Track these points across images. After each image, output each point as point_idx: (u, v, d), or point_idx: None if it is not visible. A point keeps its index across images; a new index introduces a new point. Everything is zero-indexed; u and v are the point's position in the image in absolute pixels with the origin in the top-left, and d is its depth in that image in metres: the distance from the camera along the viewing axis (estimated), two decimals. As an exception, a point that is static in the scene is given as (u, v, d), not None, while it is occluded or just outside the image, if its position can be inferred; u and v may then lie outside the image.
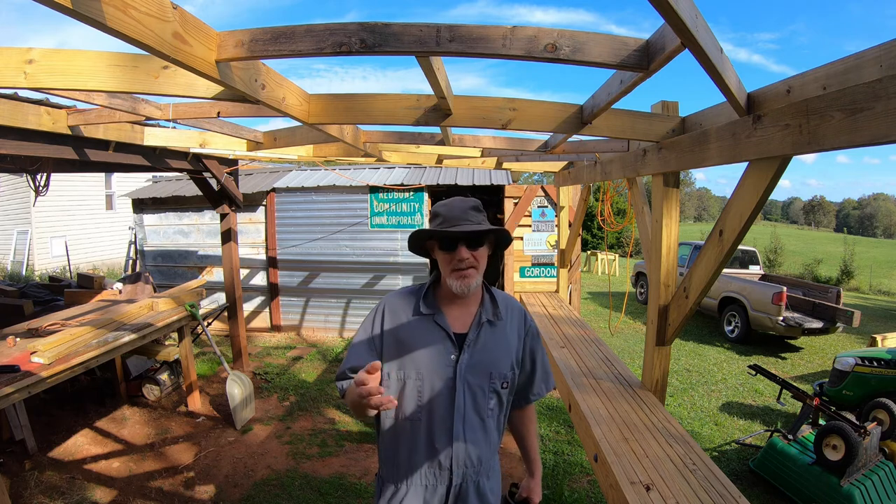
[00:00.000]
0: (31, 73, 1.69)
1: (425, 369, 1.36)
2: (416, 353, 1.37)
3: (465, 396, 1.36)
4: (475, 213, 1.36)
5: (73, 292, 5.04)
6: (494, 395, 1.40)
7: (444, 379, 1.36)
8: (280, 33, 1.40)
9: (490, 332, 1.42)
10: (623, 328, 8.40)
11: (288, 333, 7.52)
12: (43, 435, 3.94)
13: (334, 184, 7.16)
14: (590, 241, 18.62)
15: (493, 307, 1.45)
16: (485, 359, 1.39)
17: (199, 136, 3.76)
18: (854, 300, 12.27)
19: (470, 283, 1.34)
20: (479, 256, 1.37)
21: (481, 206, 1.41)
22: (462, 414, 1.36)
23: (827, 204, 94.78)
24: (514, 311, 1.50)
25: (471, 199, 1.39)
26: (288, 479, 3.54)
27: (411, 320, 1.40)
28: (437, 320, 1.39)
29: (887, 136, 1.10)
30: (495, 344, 1.42)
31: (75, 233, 13.51)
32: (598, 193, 4.79)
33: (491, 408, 1.40)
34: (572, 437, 4.20)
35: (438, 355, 1.37)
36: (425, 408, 1.37)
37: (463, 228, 1.31)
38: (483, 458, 1.40)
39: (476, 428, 1.38)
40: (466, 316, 1.42)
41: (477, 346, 1.39)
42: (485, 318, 1.42)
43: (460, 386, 1.36)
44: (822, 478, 3.22)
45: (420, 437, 1.37)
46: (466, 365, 1.37)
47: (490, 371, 1.39)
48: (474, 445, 1.38)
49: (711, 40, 1.35)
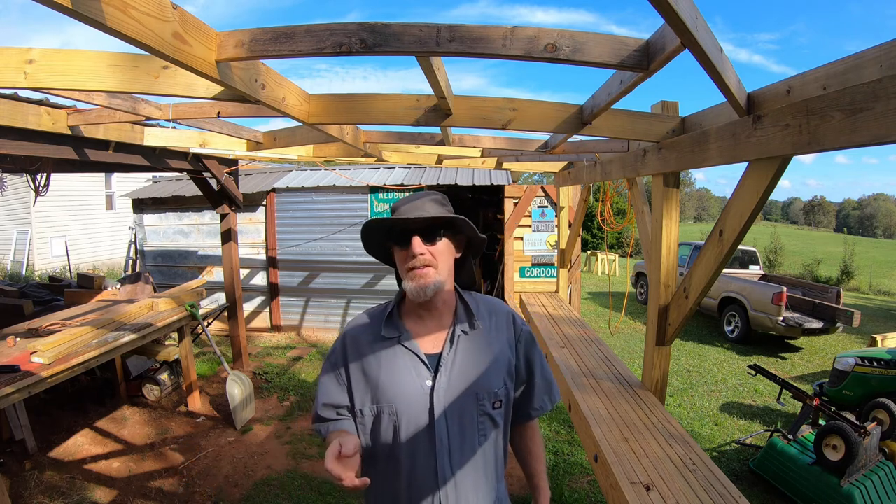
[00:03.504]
0: (31, 73, 1.69)
1: (398, 402, 1.16)
2: (385, 384, 1.17)
3: (449, 428, 1.16)
4: (434, 205, 1.17)
5: (73, 292, 5.04)
6: (486, 418, 1.20)
7: (421, 411, 1.15)
8: (280, 33, 1.40)
9: (469, 345, 1.21)
10: (623, 328, 8.40)
11: (288, 333, 7.52)
12: (43, 435, 3.94)
13: (334, 184, 7.16)
14: (590, 241, 18.62)
15: (467, 315, 1.24)
16: (467, 379, 1.18)
17: (199, 136, 3.76)
18: (854, 300, 12.27)
19: (426, 285, 1.13)
20: (438, 252, 1.16)
21: (446, 200, 1.23)
22: (447, 449, 1.15)
23: (827, 204, 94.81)
24: (500, 315, 1.29)
25: (433, 193, 1.21)
26: (288, 479, 3.54)
27: (374, 347, 1.20)
28: (403, 343, 1.19)
29: (887, 136, 1.10)
30: (478, 358, 1.21)
31: (75, 233, 13.52)
32: (598, 193, 4.79)
33: (484, 434, 1.19)
34: (572, 437, 4.20)
35: (410, 384, 1.16)
36: (404, 447, 1.16)
37: (420, 215, 1.14)
38: (483, 494, 1.20)
39: (469, 463, 1.18)
40: (439, 332, 1.22)
41: (455, 366, 1.18)
42: (459, 331, 1.21)
43: (440, 416, 1.15)
44: (822, 478, 3.22)
45: (401, 481, 1.17)
46: (445, 390, 1.16)
47: (476, 392, 1.18)
48: (471, 485, 1.18)
49: (711, 40, 1.35)
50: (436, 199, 1.20)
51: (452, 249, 1.21)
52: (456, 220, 1.18)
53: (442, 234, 1.18)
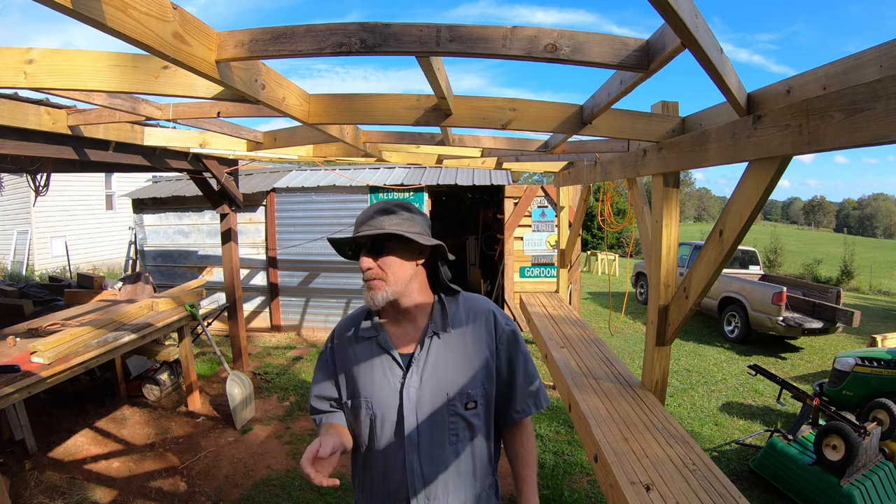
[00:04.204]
0: (31, 73, 1.69)
1: (373, 397, 1.23)
2: (363, 380, 1.25)
3: (420, 425, 1.21)
4: (382, 216, 1.18)
5: (73, 292, 5.04)
6: (459, 419, 1.22)
7: (392, 407, 1.22)
8: (280, 33, 1.40)
9: (443, 346, 1.24)
10: (623, 328, 8.40)
11: (288, 333, 7.52)
12: (43, 435, 3.94)
13: (334, 184, 7.16)
14: (590, 241, 18.63)
15: (442, 317, 1.25)
16: (438, 379, 1.22)
17: (199, 136, 3.76)
18: (854, 300, 12.27)
19: (375, 296, 1.18)
20: (387, 265, 1.19)
21: (398, 207, 1.22)
22: (415, 445, 1.21)
23: (827, 204, 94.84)
24: (479, 315, 1.30)
25: (385, 203, 1.23)
26: (288, 479, 3.54)
27: (355, 345, 1.28)
28: (379, 342, 1.25)
29: (887, 136, 1.10)
30: (451, 360, 1.24)
31: (75, 233, 13.53)
32: (598, 193, 4.79)
33: (455, 434, 1.23)
34: (572, 437, 4.20)
35: (384, 380, 1.23)
36: (378, 440, 1.24)
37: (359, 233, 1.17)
38: (455, 488, 1.23)
39: (439, 460, 1.22)
40: (414, 333, 1.26)
41: (427, 367, 1.22)
42: (431, 332, 1.24)
43: (409, 413, 1.20)
44: (821, 478, 3.22)
45: (377, 471, 1.26)
46: (416, 389, 1.21)
47: (446, 392, 1.22)
48: (441, 482, 1.22)
49: (711, 40, 1.35)
50: (385, 209, 1.20)
51: (405, 258, 1.21)
52: (391, 235, 1.17)
53: (389, 246, 1.19)
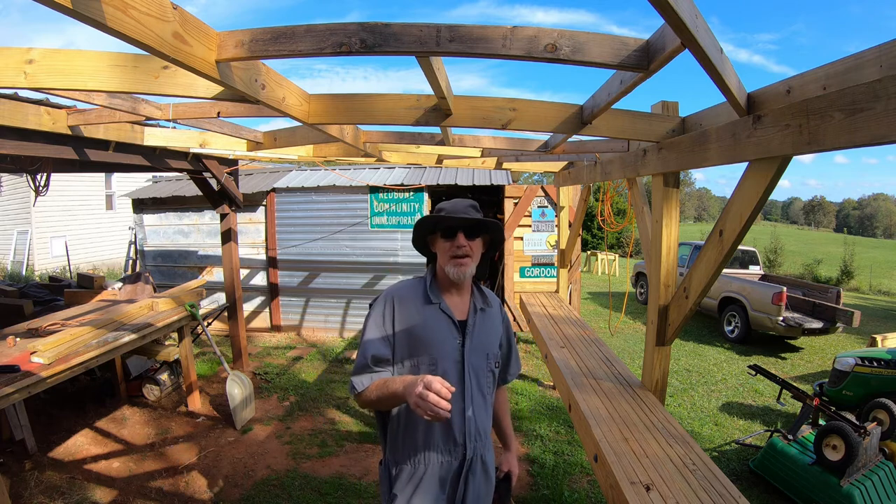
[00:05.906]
0: (31, 73, 1.69)
1: (438, 354, 1.48)
2: (428, 339, 1.48)
3: (471, 377, 1.51)
4: (474, 210, 1.53)
5: (73, 292, 5.03)
6: (491, 374, 1.58)
7: (454, 362, 1.49)
8: (280, 33, 1.40)
9: (483, 318, 1.58)
10: (623, 328, 8.40)
11: (288, 333, 7.52)
12: (43, 435, 3.94)
13: (334, 184, 7.16)
14: (590, 241, 18.62)
15: (482, 297, 1.62)
16: (483, 342, 1.56)
17: (199, 136, 3.76)
18: (854, 300, 12.27)
19: (465, 271, 1.48)
20: (475, 247, 1.51)
21: (479, 207, 1.57)
22: (470, 393, 1.50)
23: (827, 204, 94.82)
24: (494, 301, 1.69)
25: (467, 200, 1.54)
26: (288, 479, 3.54)
27: (420, 309, 1.51)
28: (442, 308, 1.51)
29: (887, 136, 1.10)
30: (488, 329, 1.59)
31: (75, 233, 13.52)
32: (598, 193, 4.79)
33: (489, 385, 1.58)
34: (572, 437, 4.20)
35: (447, 340, 1.49)
36: None
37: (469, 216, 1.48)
38: (486, 432, 1.57)
39: (480, 405, 1.54)
40: (462, 304, 1.57)
41: (475, 331, 1.54)
42: (479, 306, 1.58)
43: (468, 368, 1.50)
44: (821, 478, 3.22)
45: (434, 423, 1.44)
46: (469, 348, 1.51)
47: (486, 352, 1.56)
48: (481, 421, 1.54)
49: (711, 40, 1.35)
50: (474, 205, 1.54)
51: (482, 246, 1.56)
52: (490, 224, 1.53)
53: (480, 234, 1.52)
